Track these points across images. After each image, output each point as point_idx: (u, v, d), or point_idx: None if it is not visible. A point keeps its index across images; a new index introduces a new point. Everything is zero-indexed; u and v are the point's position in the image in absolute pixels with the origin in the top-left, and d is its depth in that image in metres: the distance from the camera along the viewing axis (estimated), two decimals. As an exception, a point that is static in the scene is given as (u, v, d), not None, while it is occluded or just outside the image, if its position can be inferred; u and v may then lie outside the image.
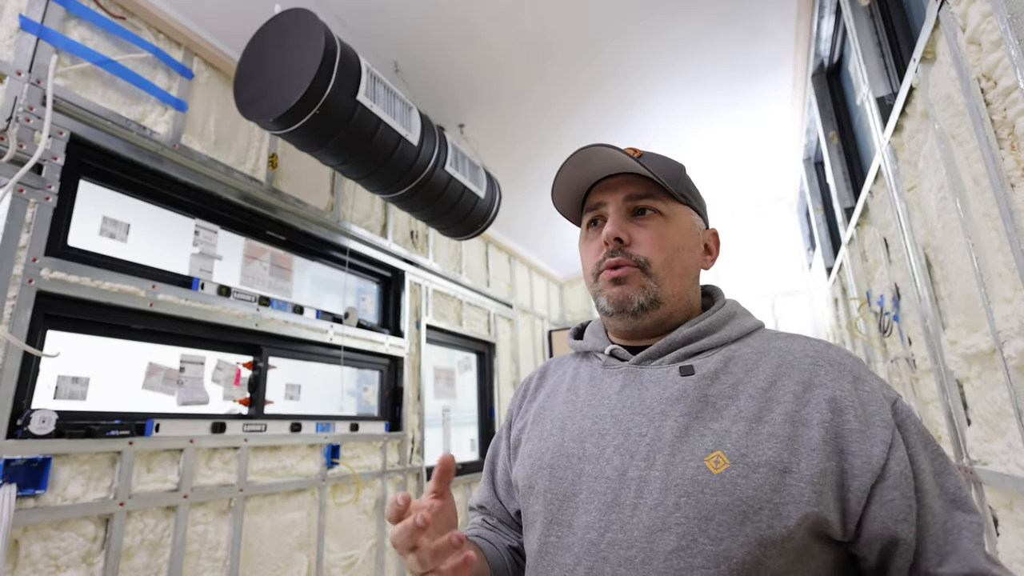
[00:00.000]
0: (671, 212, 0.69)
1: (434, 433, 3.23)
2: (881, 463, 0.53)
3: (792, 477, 0.53)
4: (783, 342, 0.64)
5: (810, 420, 0.55)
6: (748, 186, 3.71)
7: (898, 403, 0.57)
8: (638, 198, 0.68)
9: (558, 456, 0.64)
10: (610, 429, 0.61)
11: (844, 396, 0.56)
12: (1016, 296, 0.91)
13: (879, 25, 1.64)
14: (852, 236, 2.14)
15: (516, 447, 0.74)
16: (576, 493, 0.60)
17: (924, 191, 1.31)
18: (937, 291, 1.35)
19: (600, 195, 0.70)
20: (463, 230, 2.63)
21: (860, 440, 0.54)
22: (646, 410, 0.61)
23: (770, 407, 0.57)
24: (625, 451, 0.59)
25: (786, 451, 0.54)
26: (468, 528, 0.78)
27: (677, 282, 0.67)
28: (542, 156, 3.09)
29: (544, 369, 0.81)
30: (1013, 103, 0.84)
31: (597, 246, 0.69)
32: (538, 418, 0.72)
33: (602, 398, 0.65)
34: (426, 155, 2.17)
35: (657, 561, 0.53)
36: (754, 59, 2.42)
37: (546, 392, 0.75)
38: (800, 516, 0.52)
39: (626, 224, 0.67)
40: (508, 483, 0.78)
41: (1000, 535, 1.15)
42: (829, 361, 0.60)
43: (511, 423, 0.79)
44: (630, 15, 2.10)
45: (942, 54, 1.08)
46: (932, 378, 1.46)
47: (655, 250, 0.66)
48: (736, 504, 0.52)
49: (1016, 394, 0.95)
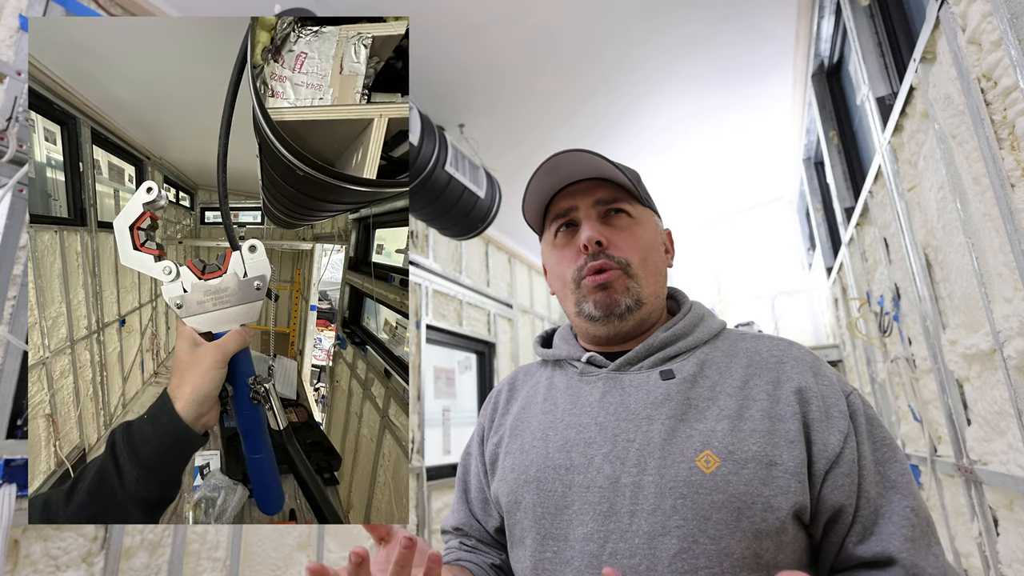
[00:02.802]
0: (638, 213, 0.69)
1: (434, 433, 3.23)
2: (837, 451, 0.56)
3: (778, 470, 0.55)
4: (749, 343, 0.66)
5: (784, 415, 0.58)
6: (748, 186, 3.71)
7: (852, 396, 0.60)
8: (608, 202, 0.68)
9: (544, 468, 0.62)
10: (596, 437, 0.61)
11: (808, 387, 0.59)
12: (1016, 296, 0.91)
13: (879, 25, 1.64)
14: (852, 236, 2.14)
15: (493, 462, 0.72)
16: (568, 505, 0.59)
17: (924, 191, 1.31)
18: (937, 291, 1.35)
19: (568, 200, 0.70)
20: (463, 230, 2.63)
21: (820, 429, 0.57)
22: (631, 415, 0.61)
23: (748, 405, 0.59)
24: (615, 458, 0.58)
25: (769, 445, 0.56)
26: (446, 552, 0.76)
27: (653, 281, 0.68)
28: (543, 156, 3.04)
29: (512, 380, 0.79)
30: (1013, 103, 0.84)
31: (573, 252, 0.68)
32: (515, 431, 0.70)
33: (583, 406, 0.65)
34: (426, 155, 2.17)
35: (661, 566, 0.53)
36: (754, 59, 2.42)
37: (520, 404, 0.73)
38: (789, 506, 0.54)
39: (601, 227, 0.67)
40: (484, 500, 0.75)
41: (1000, 535, 1.15)
42: (792, 358, 0.63)
43: (483, 438, 0.77)
44: (631, 16, 2.10)
45: (942, 54, 1.08)
46: (932, 378, 1.46)
47: (632, 250, 0.66)
48: (731, 501, 0.53)
49: (1016, 394, 0.95)
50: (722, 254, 4.12)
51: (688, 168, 3.34)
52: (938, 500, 1.60)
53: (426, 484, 2.89)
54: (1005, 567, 1.13)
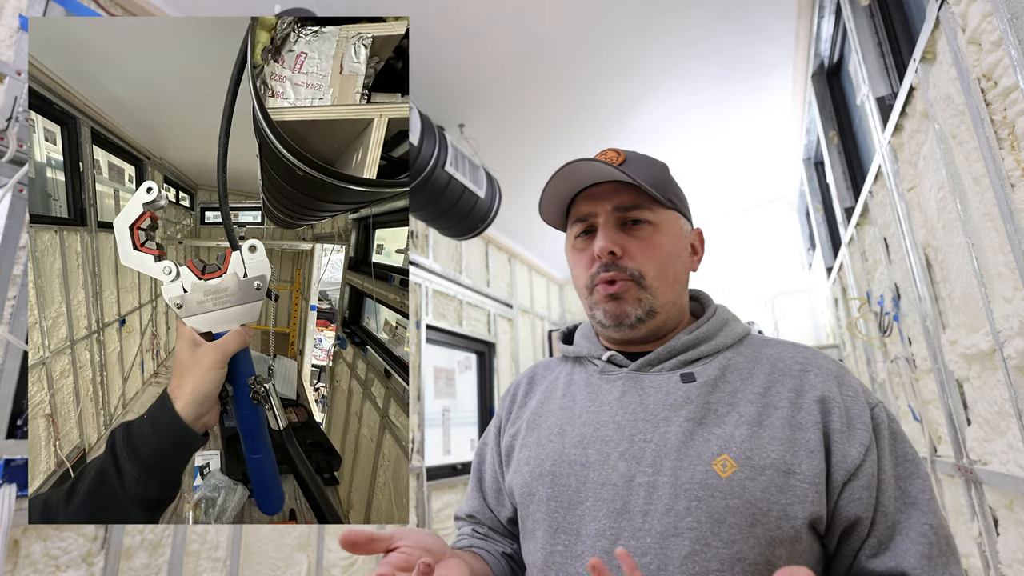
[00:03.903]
0: (660, 219, 0.67)
1: (434, 433, 3.23)
2: (857, 463, 0.55)
3: (796, 478, 0.54)
4: (772, 349, 0.66)
5: (805, 424, 0.57)
6: (748, 186, 3.70)
7: (877, 408, 0.60)
8: (627, 208, 0.66)
9: (559, 463, 0.63)
10: (613, 435, 0.61)
11: (831, 397, 0.59)
12: (1016, 296, 0.91)
13: (879, 25, 1.64)
14: (852, 236, 2.14)
15: (509, 454, 0.73)
16: (582, 500, 0.60)
17: (924, 191, 1.31)
18: (937, 291, 1.35)
19: (587, 205, 0.69)
20: (463, 230, 2.63)
21: (840, 440, 0.56)
22: (649, 416, 0.61)
23: (768, 412, 0.59)
24: (631, 457, 0.59)
25: (788, 453, 0.55)
26: (458, 539, 0.77)
27: (670, 290, 0.67)
28: (543, 156, 3.09)
29: (532, 374, 0.80)
30: (1013, 103, 0.84)
31: (588, 258, 0.68)
32: (532, 424, 0.71)
33: (602, 404, 0.65)
34: (426, 155, 2.17)
35: (672, 567, 0.53)
36: (754, 59, 2.42)
37: (538, 398, 0.74)
38: (806, 516, 0.53)
39: (617, 236, 0.66)
40: (498, 490, 0.76)
41: (1000, 535, 1.15)
42: (817, 366, 0.62)
43: (500, 429, 0.78)
44: (630, 16, 2.10)
45: (942, 54, 1.08)
46: (932, 378, 1.46)
47: (648, 261, 0.65)
48: (746, 507, 0.53)
49: (1016, 394, 0.95)
50: (722, 254, 4.12)
51: (688, 168, 3.34)
52: (938, 500, 1.60)
53: (426, 484, 2.89)
54: (1005, 567, 1.13)
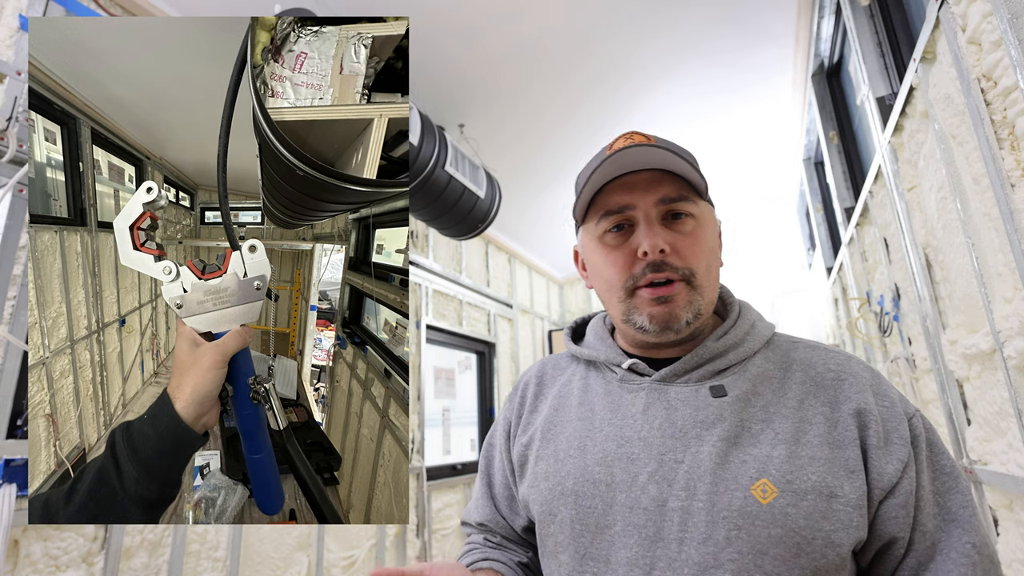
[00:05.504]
0: (701, 212, 0.62)
1: (434, 433, 3.23)
2: (894, 481, 0.53)
3: (839, 502, 0.51)
4: (802, 353, 0.61)
5: (843, 440, 0.54)
6: (748, 186, 3.70)
7: (914, 419, 0.56)
8: (672, 201, 0.60)
9: (582, 482, 0.59)
10: (640, 454, 0.57)
11: (868, 409, 0.55)
12: (1016, 296, 0.91)
13: (879, 25, 1.64)
14: (852, 236, 2.14)
15: (522, 464, 0.68)
16: (610, 525, 0.56)
17: (924, 191, 1.31)
18: (937, 291, 1.35)
19: (624, 195, 0.61)
20: (463, 230, 2.63)
21: (877, 457, 0.53)
22: (678, 433, 0.56)
23: (804, 428, 0.55)
24: (661, 479, 0.55)
25: (829, 474, 0.52)
26: (469, 547, 0.73)
27: (712, 289, 0.62)
28: (543, 156, 3.09)
29: (540, 373, 0.74)
30: (1013, 103, 0.84)
31: (626, 256, 0.60)
32: (548, 434, 0.66)
33: (625, 417, 0.60)
34: (426, 155, 2.17)
35: None
36: (754, 59, 2.41)
37: (551, 403, 0.69)
38: (851, 543, 0.51)
39: (662, 231, 0.59)
40: (510, 497, 0.72)
41: (1000, 535, 1.15)
42: (851, 374, 0.58)
43: (509, 434, 0.73)
44: (630, 15, 2.10)
45: (942, 54, 1.08)
46: (932, 378, 1.46)
47: (697, 259, 0.60)
48: (789, 536, 0.50)
49: (1016, 394, 0.95)
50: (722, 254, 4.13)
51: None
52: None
53: (426, 484, 2.89)
54: (1005, 567, 1.13)
